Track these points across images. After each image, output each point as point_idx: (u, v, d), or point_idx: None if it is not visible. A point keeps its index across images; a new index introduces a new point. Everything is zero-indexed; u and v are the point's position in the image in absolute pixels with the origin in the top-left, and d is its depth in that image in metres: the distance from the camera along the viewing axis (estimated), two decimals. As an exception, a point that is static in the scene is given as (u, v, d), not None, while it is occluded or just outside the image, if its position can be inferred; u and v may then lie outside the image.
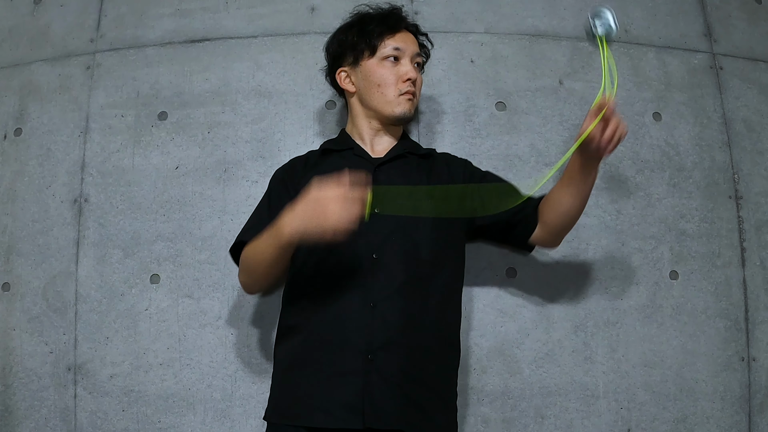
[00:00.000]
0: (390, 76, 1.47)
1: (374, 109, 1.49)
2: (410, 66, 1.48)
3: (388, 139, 1.53)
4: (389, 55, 1.48)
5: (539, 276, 1.70)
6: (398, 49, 1.48)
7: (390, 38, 1.49)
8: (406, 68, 1.47)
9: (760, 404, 1.71)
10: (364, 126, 1.52)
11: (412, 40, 1.52)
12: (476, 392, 1.64)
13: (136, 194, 1.74)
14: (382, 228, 1.37)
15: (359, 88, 1.51)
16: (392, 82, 1.47)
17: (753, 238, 1.79)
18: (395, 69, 1.48)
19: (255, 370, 1.65)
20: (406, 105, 1.47)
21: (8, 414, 1.67)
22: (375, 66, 1.48)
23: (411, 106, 1.48)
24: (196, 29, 1.83)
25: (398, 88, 1.47)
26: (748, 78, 1.89)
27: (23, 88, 1.84)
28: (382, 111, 1.48)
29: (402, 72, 1.47)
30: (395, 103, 1.47)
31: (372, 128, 1.52)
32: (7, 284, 1.73)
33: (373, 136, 1.52)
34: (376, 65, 1.48)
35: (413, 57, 1.50)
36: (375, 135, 1.52)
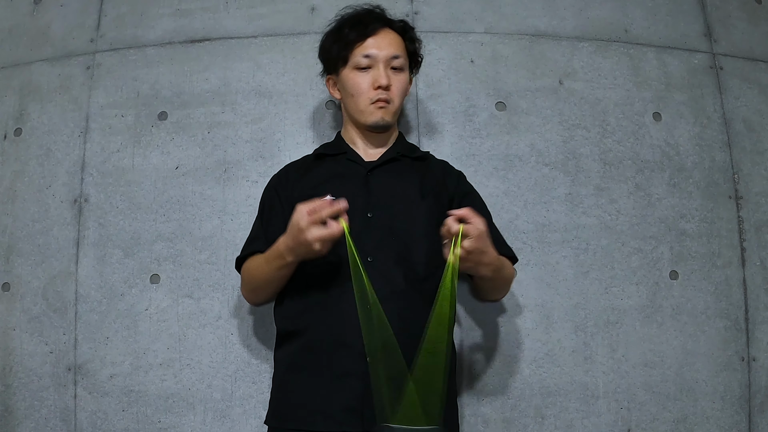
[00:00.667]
0: (362, 85, 1.45)
1: (352, 118, 1.50)
2: (383, 72, 1.44)
3: (381, 142, 1.52)
4: (361, 65, 1.45)
5: (539, 276, 1.70)
6: (368, 56, 1.45)
7: (360, 46, 1.45)
8: (377, 75, 1.44)
9: (760, 404, 1.71)
10: (353, 131, 1.53)
11: (388, 42, 1.46)
12: (476, 392, 1.64)
13: (136, 194, 1.74)
14: (377, 231, 1.37)
15: (342, 96, 1.51)
16: (364, 91, 1.45)
17: (753, 238, 1.79)
18: (368, 76, 1.45)
19: (255, 370, 1.65)
20: (378, 114, 1.45)
21: (8, 414, 1.67)
22: (349, 75, 1.46)
23: (384, 114, 1.46)
24: (196, 29, 1.83)
25: (369, 96, 1.45)
26: (748, 78, 1.89)
27: (23, 88, 1.84)
28: (358, 119, 1.48)
29: (373, 79, 1.44)
30: (368, 113, 1.46)
31: (360, 134, 1.52)
32: (7, 284, 1.73)
33: (364, 140, 1.52)
34: (349, 74, 1.46)
35: (387, 61, 1.45)
36: (366, 139, 1.52)
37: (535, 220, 1.73)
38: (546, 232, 1.72)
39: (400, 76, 1.48)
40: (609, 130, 1.79)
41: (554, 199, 1.74)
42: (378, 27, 1.47)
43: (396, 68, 1.47)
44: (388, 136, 1.54)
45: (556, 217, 1.73)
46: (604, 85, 1.82)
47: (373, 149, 1.51)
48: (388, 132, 1.53)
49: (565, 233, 1.73)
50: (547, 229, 1.73)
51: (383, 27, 1.48)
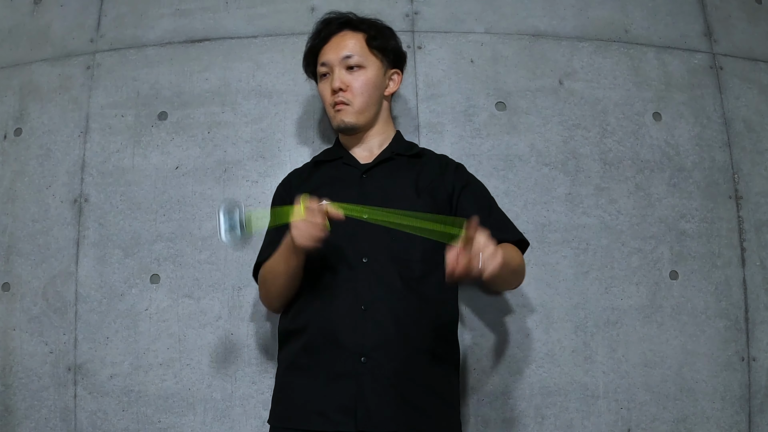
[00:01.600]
0: (324, 93, 1.50)
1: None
2: (336, 75, 1.46)
3: (377, 143, 1.52)
4: (322, 74, 1.50)
5: (539, 276, 1.70)
6: (324, 64, 1.49)
7: (319, 56, 1.51)
8: (331, 80, 1.47)
9: (760, 404, 1.71)
10: (341, 135, 1.55)
11: (341, 45, 1.48)
12: (476, 392, 1.64)
13: (136, 194, 1.74)
14: (372, 232, 1.37)
15: None
16: (326, 98, 1.49)
17: (753, 238, 1.79)
18: (328, 83, 1.48)
19: (255, 370, 1.65)
20: (337, 117, 1.47)
21: (8, 414, 1.67)
22: (318, 85, 1.53)
23: (343, 116, 1.46)
24: (196, 29, 1.83)
25: (329, 102, 1.48)
26: (748, 78, 1.89)
27: (23, 88, 1.84)
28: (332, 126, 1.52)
29: (330, 84, 1.48)
30: (331, 117, 1.50)
31: (346, 138, 1.53)
32: (7, 284, 1.73)
33: (357, 143, 1.52)
34: (318, 85, 1.53)
35: (341, 63, 1.46)
36: (358, 142, 1.52)
37: (535, 220, 1.73)
38: (546, 232, 1.72)
39: (359, 74, 1.47)
40: (609, 130, 1.79)
41: (554, 199, 1.74)
42: (332, 32, 1.50)
43: (353, 67, 1.47)
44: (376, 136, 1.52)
45: (556, 217, 1.73)
46: (604, 85, 1.82)
47: (368, 151, 1.52)
48: (372, 132, 1.52)
49: (565, 233, 1.73)
50: (547, 229, 1.73)
51: (338, 31, 1.50)
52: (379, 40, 1.50)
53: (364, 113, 1.48)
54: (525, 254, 1.69)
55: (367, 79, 1.47)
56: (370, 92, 1.48)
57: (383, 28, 1.54)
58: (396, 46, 1.55)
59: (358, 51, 1.47)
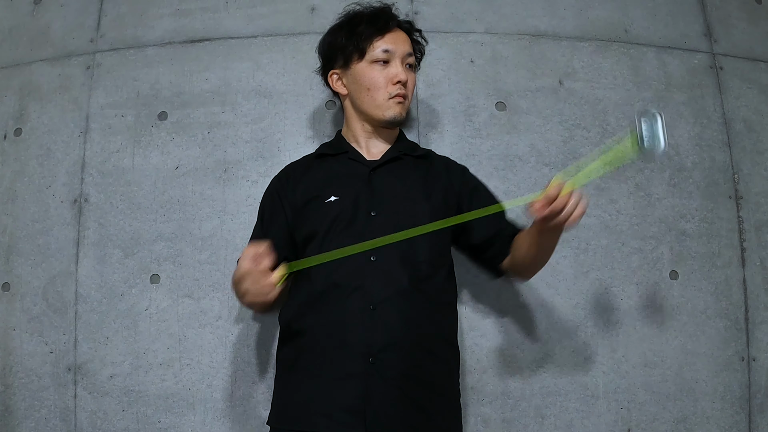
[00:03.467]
0: (380, 79, 1.45)
1: (365, 113, 1.48)
2: (401, 68, 1.45)
3: (383, 141, 1.52)
4: (379, 59, 1.45)
5: (539, 276, 1.70)
6: (387, 51, 1.45)
7: (379, 40, 1.45)
8: (396, 70, 1.44)
9: (760, 404, 1.71)
10: (358, 128, 1.51)
11: (403, 40, 1.48)
12: (476, 392, 1.64)
13: (136, 194, 1.74)
14: (379, 231, 1.36)
15: (350, 91, 1.49)
16: (382, 85, 1.45)
17: (753, 238, 1.79)
18: (385, 71, 1.45)
19: (255, 370, 1.65)
20: (396, 108, 1.45)
21: (8, 414, 1.67)
22: (365, 69, 1.46)
23: (402, 109, 1.46)
24: (196, 29, 1.83)
25: (388, 91, 1.44)
26: (748, 78, 1.89)
27: (23, 88, 1.84)
28: (372, 115, 1.47)
29: (392, 74, 1.44)
30: (385, 107, 1.45)
31: (366, 131, 1.51)
32: (7, 284, 1.73)
33: (368, 138, 1.51)
34: (365, 68, 1.45)
35: (404, 58, 1.46)
36: (369, 137, 1.51)
37: (535, 220, 1.72)
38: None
39: (412, 74, 1.50)
40: (609, 130, 1.79)
41: (554, 199, 1.74)
42: (394, 24, 1.49)
43: (410, 65, 1.49)
44: (393, 133, 1.54)
45: (556, 217, 1.73)
46: (604, 85, 1.82)
47: (377, 147, 1.51)
48: (394, 129, 1.53)
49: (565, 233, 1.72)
50: (547, 229, 1.72)
51: (395, 27, 1.49)
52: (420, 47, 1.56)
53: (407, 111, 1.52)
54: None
55: (414, 81, 1.52)
56: (412, 94, 1.52)
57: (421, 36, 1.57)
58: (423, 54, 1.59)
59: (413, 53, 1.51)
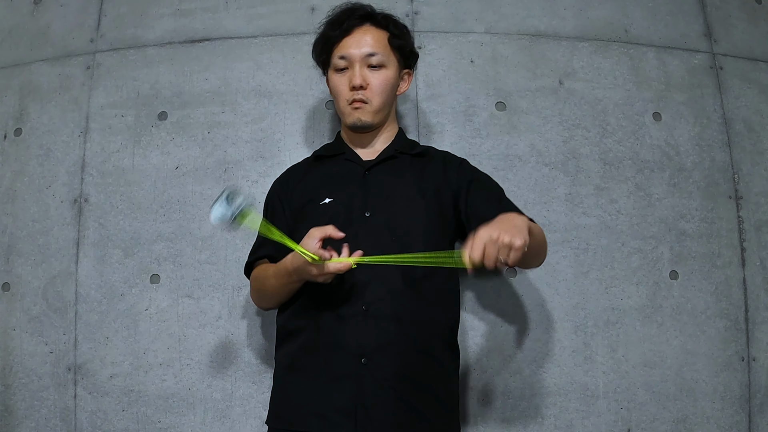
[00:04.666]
0: (340, 86, 1.45)
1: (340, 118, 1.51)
2: (357, 72, 1.42)
3: (380, 140, 1.51)
4: (339, 66, 1.45)
5: (539, 276, 1.70)
6: (344, 58, 1.44)
7: (337, 47, 1.44)
8: (351, 76, 1.43)
9: (760, 404, 1.71)
10: (347, 131, 1.52)
11: (365, 41, 1.44)
12: (476, 392, 1.64)
13: (136, 194, 1.74)
14: (374, 230, 1.36)
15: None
16: (342, 92, 1.44)
17: (753, 238, 1.79)
18: (345, 78, 1.44)
19: (255, 370, 1.65)
20: (354, 114, 1.44)
21: (8, 414, 1.67)
22: (332, 77, 1.48)
23: (361, 114, 1.44)
24: (196, 29, 1.83)
25: (346, 98, 1.44)
26: (748, 78, 1.89)
27: (23, 88, 1.84)
28: (342, 120, 1.49)
29: (349, 80, 1.43)
30: (347, 114, 1.45)
31: (353, 133, 1.51)
32: (7, 284, 1.73)
33: (360, 139, 1.50)
34: (332, 76, 1.47)
35: (363, 59, 1.43)
36: (361, 138, 1.50)
37: (535, 220, 1.72)
38: (546, 232, 1.71)
39: (380, 73, 1.44)
40: (609, 130, 1.79)
41: (554, 199, 1.74)
42: (354, 25, 1.45)
43: (374, 66, 1.44)
44: (383, 133, 1.51)
45: (556, 217, 1.73)
46: (604, 85, 1.82)
47: (371, 147, 1.50)
48: (381, 129, 1.50)
49: (565, 233, 1.73)
50: (547, 229, 1.71)
51: (361, 24, 1.45)
52: (400, 39, 1.48)
53: (380, 113, 1.46)
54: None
55: (386, 78, 1.45)
56: (388, 92, 1.46)
57: (403, 26, 1.51)
58: (412, 45, 1.53)
59: (381, 49, 1.44)
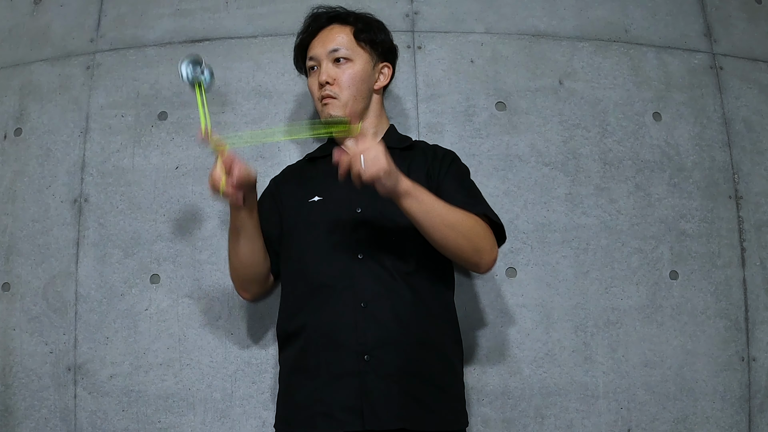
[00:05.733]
0: (313, 87, 1.50)
1: None
2: (323, 69, 1.46)
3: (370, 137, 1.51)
4: (310, 68, 1.50)
5: (539, 276, 1.70)
6: (312, 58, 1.49)
7: (307, 51, 1.51)
8: (318, 73, 1.47)
9: (760, 404, 1.71)
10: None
11: (328, 38, 1.48)
12: (476, 392, 1.64)
13: (136, 194, 1.74)
14: (366, 227, 1.37)
15: None
16: (314, 92, 1.49)
17: (753, 238, 1.79)
18: (316, 77, 1.48)
19: (255, 370, 1.65)
20: (325, 110, 1.46)
21: (8, 414, 1.67)
22: (308, 80, 1.53)
23: (330, 109, 1.45)
24: (196, 29, 1.83)
25: (317, 96, 1.48)
26: (748, 78, 1.89)
27: (23, 88, 1.84)
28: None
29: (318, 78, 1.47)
30: (320, 111, 1.49)
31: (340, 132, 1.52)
32: (7, 284, 1.73)
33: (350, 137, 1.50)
34: (308, 79, 1.52)
35: (327, 56, 1.46)
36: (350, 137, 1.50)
37: (535, 220, 1.73)
38: (546, 232, 1.72)
39: (346, 67, 1.46)
40: (609, 130, 1.79)
41: (554, 199, 1.74)
42: (319, 27, 1.50)
43: (340, 59, 1.46)
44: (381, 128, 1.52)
45: (556, 217, 1.73)
46: (604, 85, 1.82)
47: None
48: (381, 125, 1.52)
49: (565, 233, 1.73)
50: (547, 229, 1.73)
51: (326, 25, 1.50)
52: (367, 33, 1.50)
53: (351, 106, 1.46)
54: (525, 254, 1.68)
55: (354, 72, 1.46)
56: (358, 86, 1.47)
57: (372, 21, 1.53)
58: (385, 39, 1.53)
59: (345, 44, 1.47)
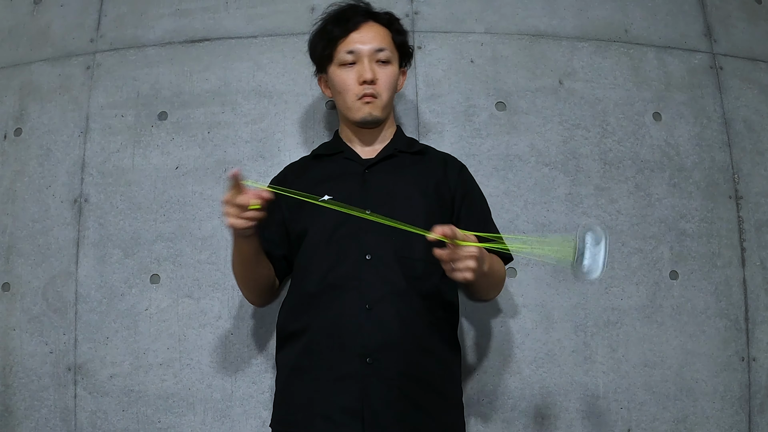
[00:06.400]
0: (348, 81, 1.44)
1: (343, 115, 1.49)
2: (367, 66, 1.42)
3: (379, 139, 1.51)
4: (346, 61, 1.44)
5: (539, 276, 1.70)
6: (352, 52, 1.43)
7: (343, 41, 1.44)
8: (361, 70, 1.43)
9: (760, 404, 1.71)
10: (348, 129, 1.51)
11: (371, 36, 1.44)
12: (476, 392, 1.64)
13: (136, 194, 1.74)
14: (375, 229, 1.35)
15: (333, 94, 1.51)
16: (350, 87, 1.43)
17: (753, 238, 1.79)
18: (353, 72, 1.44)
19: (255, 370, 1.65)
20: (365, 109, 1.44)
21: (8, 414, 1.67)
22: (335, 72, 1.46)
23: (372, 109, 1.44)
24: (196, 29, 1.83)
25: (355, 92, 1.44)
26: (748, 78, 1.89)
27: (23, 88, 1.84)
28: (347, 116, 1.47)
29: (359, 74, 1.43)
30: (355, 109, 1.44)
31: (353, 131, 1.50)
32: (7, 284, 1.73)
33: (360, 137, 1.50)
34: (336, 71, 1.46)
35: (372, 55, 1.43)
36: (360, 135, 1.50)
37: (535, 220, 1.73)
38: (546, 232, 1.72)
39: (387, 68, 1.45)
40: (609, 130, 1.79)
41: (554, 199, 1.74)
42: (360, 21, 1.46)
43: (382, 61, 1.45)
44: (383, 131, 1.51)
45: (556, 217, 1.73)
46: (604, 85, 1.82)
47: (370, 146, 1.50)
48: (382, 127, 1.51)
49: (565, 233, 1.73)
50: (547, 229, 1.73)
51: (366, 21, 1.46)
52: (401, 37, 1.50)
53: (387, 108, 1.48)
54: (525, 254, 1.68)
55: (393, 74, 1.47)
56: (393, 89, 1.48)
57: (402, 25, 1.52)
58: (410, 44, 1.55)
59: (387, 45, 1.46)
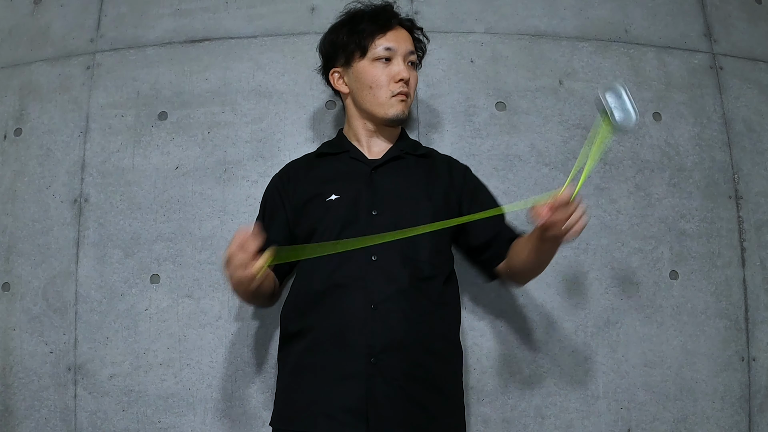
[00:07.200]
0: (382, 77, 1.44)
1: (367, 111, 1.48)
2: (403, 65, 1.45)
3: (385, 140, 1.52)
4: (381, 56, 1.44)
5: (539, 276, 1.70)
6: (390, 48, 1.45)
7: (381, 38, 1.45)
8: (398, 68, 1.44)
9: (760, 404, 1.71)
10: (360, 127, 1.51)
11: (405, 38, 1.48)
12: (476, 392, 1.64)
13: (136, 194, 1.74)
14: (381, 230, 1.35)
15: (352, 90, 1.49)
16: (384, 83, 1.44)
17: (753, 238, 1.79)
18: (387, 69, 1.44)
19: (255, 370, 1.65)
20: (399, 106, 1.45)
21: (8, 414, 1.67)
22: (367, 67, 1.45)
23: (404, 107, 1.46)
24: (196, 29, 1.83)
25: (390, 89, 1.44)
26: (748, 78, 1.89)
27: (23, 88, 1.84)
28: (375, 113, 1.46)
29: (394, 72, 1.44)
30: (388, 105, 1.45)
31: (367, 129, 1.50)
32: (7, 284, 1.73)
33: (370, 137, 1.51)
34: (367, 66, 1.45)
35: (406, 56, 1.46)
36: (371, 136, 1.51)
37: (535, 220, 1.73)
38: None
39: (414, 72, 1.50)
40: (609, 130, 1.79)
41: (554, 199, 1.74)
42: (396, 23, 1.49)
43: (411, 63, 1.49)
44: (395, 132, 1.53)
45: (556, 217, 1.73)
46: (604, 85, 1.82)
47: (378, 146, 1.51)
48: (395, 128, 1.53)
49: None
50: (547, 229, 1.72)
51: (399, 23, 1.50)
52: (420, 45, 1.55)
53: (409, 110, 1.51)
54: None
55: (416, 78, 1.52)
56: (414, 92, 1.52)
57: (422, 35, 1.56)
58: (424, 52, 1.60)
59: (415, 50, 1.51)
